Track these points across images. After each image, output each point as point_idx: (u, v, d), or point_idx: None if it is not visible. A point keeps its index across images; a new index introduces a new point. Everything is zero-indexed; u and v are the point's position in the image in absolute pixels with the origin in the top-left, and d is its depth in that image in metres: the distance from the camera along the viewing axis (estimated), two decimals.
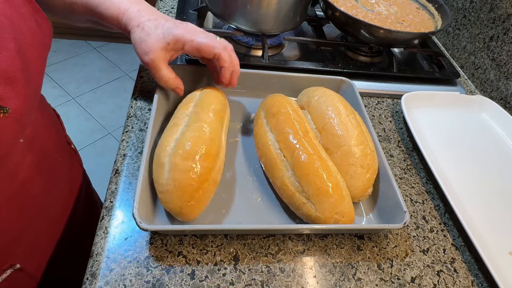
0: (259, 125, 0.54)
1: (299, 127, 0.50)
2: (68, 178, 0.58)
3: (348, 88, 0.64)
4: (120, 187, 0.49)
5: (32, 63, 0.38)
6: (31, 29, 0.39)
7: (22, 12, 0.38)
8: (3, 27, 0.35)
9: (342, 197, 0.46)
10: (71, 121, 1.94)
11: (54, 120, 0.57)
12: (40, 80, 0.42)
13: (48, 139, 0.50)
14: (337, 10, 0.72)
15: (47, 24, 0.42)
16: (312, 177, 0.45)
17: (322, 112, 0.54)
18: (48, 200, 0.51)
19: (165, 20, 0.49)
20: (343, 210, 0.45)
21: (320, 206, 0.45)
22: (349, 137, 0.51)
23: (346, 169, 0.50)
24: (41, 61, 0.41)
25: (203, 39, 0.48)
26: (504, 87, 0.77)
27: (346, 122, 0.52)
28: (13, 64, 0.35)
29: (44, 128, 0.49)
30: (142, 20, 0.48)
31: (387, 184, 0.50)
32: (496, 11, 0.79)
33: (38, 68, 0.40)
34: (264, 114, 0.54)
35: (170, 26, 0.48)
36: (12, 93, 0.35)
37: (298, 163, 0.46)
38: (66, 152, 0.58)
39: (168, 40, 0.47)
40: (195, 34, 0.48)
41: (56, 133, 0.55)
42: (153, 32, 0.48)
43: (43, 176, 0.48)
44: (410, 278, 0.47)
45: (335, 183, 0.46)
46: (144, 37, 0.48)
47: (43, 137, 0.48)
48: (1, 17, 0.35)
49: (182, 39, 0.48)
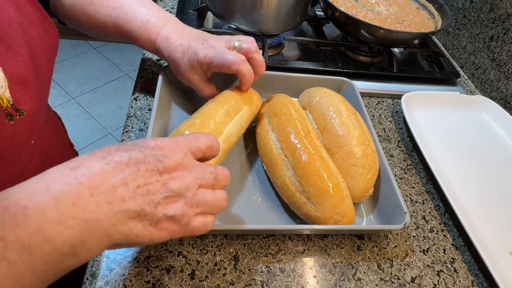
0: (261, 124, 0.54)
1: (300, 127, 0.50)
2: None
3: (349, 89, 0.64)
4: None
5: (43, 68, 0.40)
6: (41, 35, 0.40)
7: (32, 20, 0.40)
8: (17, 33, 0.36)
9: (343, 198, 0.45)
10: (71, 121, 1.94)
11: (57, 122, 0.58)
12: (48, 84, 0.43)
13: (51, 141, 0.51)
14: (337, 10, 0.72)
15: (55, 30, 0.44)
16: (312, 177, 0.45)
17: (323, 112, 0.54)
18: None
19: (190, 41, 0.51)
20: (343, 211, 0.45)
21: (320, 206, 0.45)
22: (350, 138, 0.51)
23: (347, 169, 0.50)
24: (50, 66, 0.42)
25: (220, 58, 0.49)
26: (504, 87, 0.77)
27: (347, 123, 0.52)
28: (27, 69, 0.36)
29: (47, 130, 0.50)
30: (170, 49, 0.51)
31: (387, 184, 0.50)
32: (496, 11, 0.79)
33: (48, 72, 0.42)
34: (266, 113, 0.54)
35: (194, 49, 0.50)
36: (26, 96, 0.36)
37: (299, 163, 0.46)
38: (69, 154, 0.59)
39: (195, 65, 0.51)
40: (214, 52, 0.49)
41: (59, 135, 0.56)
42: (181, 61, 0.51)
43: None
44: (410, 278, 0.47)
45: (335, 183, 0.46)
46: (176, 67, 0.52)
47: (47, 139, 0.49)
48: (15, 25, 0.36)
49: (204, 63, 0.50)
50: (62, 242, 0.26)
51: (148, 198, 0.29)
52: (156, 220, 0.30)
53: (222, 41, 0.51)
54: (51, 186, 0.26)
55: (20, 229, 0.24)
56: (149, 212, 0.29)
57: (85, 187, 0.27)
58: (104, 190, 0.27)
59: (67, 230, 0.26)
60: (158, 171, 0.30)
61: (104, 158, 0.29)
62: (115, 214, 0.28)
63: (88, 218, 0.26)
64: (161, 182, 0.30)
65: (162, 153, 0.31)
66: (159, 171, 0.30)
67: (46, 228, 0.25)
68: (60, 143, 0.55)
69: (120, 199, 0.28)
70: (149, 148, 0.31)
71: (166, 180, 0.30)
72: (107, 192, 0.27)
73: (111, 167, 0.28)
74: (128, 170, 0.29)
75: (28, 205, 0.25)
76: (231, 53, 0.49)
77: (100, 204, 0.27)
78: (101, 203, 0.27)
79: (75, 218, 0.26)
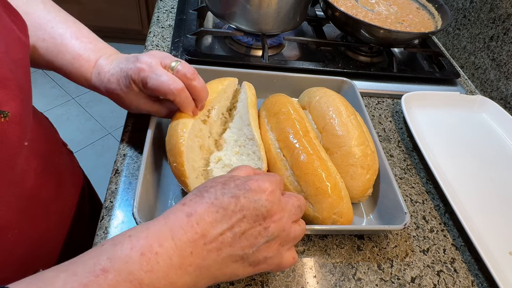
0: (259, 124, 0.54)
1: (299, 126, 0.50)
2: (72, 180, 0.58)
3: (349, 89, 0.64)
4: (120, 187, 0.49)
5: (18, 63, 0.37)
6: (9, 28, 0.37)
7: None
8: None
9: (341, 198, 0.45)
10: (71, 121, 1.94)
11: (47, 122, 0.57)
12: (29, 81, 0.40)
13: (46, 143, 0.50)
14: (337, 10, 0.72)
15: (22, 21, 0.40)
16: (311, 176, 0.45)
17: (323, 112, 0.54)
18: (58, 204, 0.50)
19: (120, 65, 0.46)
20: (342, 211, 0.45)
21: (319, 206, 0.45)
22: (350, 138, 0.51)
23: (346, 169, 0.50)
24: (26, 61, 0.40)
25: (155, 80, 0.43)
26: (504, 87, 0.77)
27: (346, 123, 0.52)
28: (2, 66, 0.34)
29: (40, 132, 0.49)
30: (105, 84, 0.46)
31: (387, 185, 0.50)
32: (496, 11, 0.79)
33: (25, 68, 0.39)
34: (265, 113, 0.54)
35: (125, 72, 0.45)
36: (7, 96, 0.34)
37: (297, 163, 0.46)
38: (65, 154, 0.58)
39: (133, 88, 0.45)
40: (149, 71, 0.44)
41: (52, 136, 0.55)
42: (120, 91, 0.46)
43: (51, 181, 0.48)
44: (410, 278, 0.47)
45: (334, 183, 0.46)
46: (118, 100, 0.47)
47: (42, 141, 0.48)
48: None
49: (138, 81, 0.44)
50: (181, 285, 0.30)
51: (251, 242, 0.32)
52: (257, 262, 0.33)
53: (156, 57, 0.44)
54: (174, 233, 0.30)
55: (153, 274, 0.28)
56: (251, 255, 0.32)
57: (199, 236, 0.30)
58: (214, 238, 0.31)
59: (186, 275, 0.30)
60: (262, 216, 0.32)
61: (213, 205, 0.32)
62: (222, 260, 0.31)
63: (201, 265, 0.31)
64: (263, 227, 0.32)
65: (266, 197, 0.33)
66: (263, 217, 0.32)
67: (171, 273, 0.29)
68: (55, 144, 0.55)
69: (227, 246, 0.31)
70: (252, 191, 0.33)
71: (268, 224, 0.33)
72: (216, 240, 0.31)
73: (221, 215, 0.31)
74: (235, 217, 0.32)
75: (159, 252, 0.29)
76: (168, 76, 0.43)
77: (211, 252, 0.31)
78: (211, 251, 0.31)
79: (191, 265, 0.30)
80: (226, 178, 0.35)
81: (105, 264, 0.27)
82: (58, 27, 0.47)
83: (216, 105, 0.52)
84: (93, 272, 0.27)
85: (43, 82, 2.12)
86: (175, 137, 0.45)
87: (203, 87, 0.46)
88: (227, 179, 0.34)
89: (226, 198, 0.32)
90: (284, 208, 0.34)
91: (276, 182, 0.35)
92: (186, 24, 0.76)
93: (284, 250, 0.35)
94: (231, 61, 0.69)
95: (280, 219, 0.33)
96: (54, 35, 0.47)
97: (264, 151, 0.49)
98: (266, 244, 0.33)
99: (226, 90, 0.53)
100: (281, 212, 0.34)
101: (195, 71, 0.45)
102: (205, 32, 0.77)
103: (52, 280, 0.27)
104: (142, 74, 0.43)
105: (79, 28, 0.49)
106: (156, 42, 0.74)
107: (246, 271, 0.33)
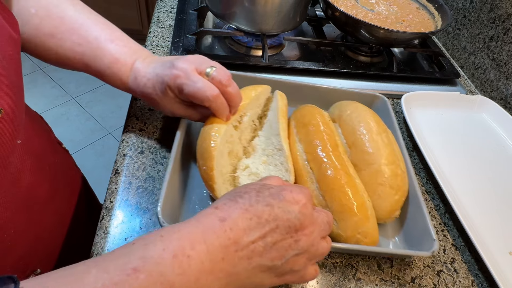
0: (288, 133, 0.52)
1: (328, 140, 0.48)
2: (68, 179, 0.58)
3: (382, 105, 0.61)
4: (120, 187, 0.49)
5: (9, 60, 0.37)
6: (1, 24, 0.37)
7: None
8: None
9: (367, 217, 0.44)
10: (71, 121, 1.94)
11: (41, 121, 0.57)
12: (20, 79, 0.40)
13: (41, 142, 0.50)
14: (337, 10, 0.72)
15: (13, 18, 0.40)
16: (337, 192, 0.44)
17: (354, 127, 0.52)
18: (55, 203, 0.50)
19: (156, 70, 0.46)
20: (367, 231, 0.43)
21: (343, 223, 0.43)
22: (380, 156, 0.48)
23: (374, 188, 0.47)
24: (17, 57, 0.39)
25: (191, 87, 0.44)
26: (504, 87, 0.77)
27: (377, 140, 0.50)
28: None
29: (34, 130, 0.49)
30: (141, 88, 0.47)
31: (416, 208, 0.48)
32: (496, 11, 0.79)
33: (16, 65, 0.39)
34: (295, 123, 0.53)
35: (161, 78, 0.46)
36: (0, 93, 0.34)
37: (324, 177, 0.45)
38: (60, 152, 0.58)
39: (168, 94, 0.46)
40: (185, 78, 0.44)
41: (46, 135, 0.55)
42: (156, 96, 0.47)
43: (47, 179, 0.48)
44: (410, 278, 0.47)
45: (360, 202, 0.44)
46: (153, 104, 0.49)
47: (36, 140, 0.48)
48: None
49: (174, 88, 0.45)
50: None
51: (280, 254, 0.31)
52: (282, 274, 0.33)
53: (192, 63, 0.45)
54: (206, 237, 0.29)
55: (184, 277, 0.28)
56: (279, 267, 0.32)
57: (232, 242, 0.30)
58: (245, 246, 0.30)
59: (216, 280, 0.29)
60: (295, 228, 0.32)
61: (247, 211, 0.31)
62: (252, 269, 0.31)
63: (231, 272, 0.30)
64: (294, 239, 0.32)
65: (299, 209, 0.32)
66: (295, 229, 0.32)
67: (202, 278, 0.29)
68: (49, 143, 0.55)
69: (258, 255, 0.31)
70: (286, 202, 0.32)
71: (299, 237, 0.32)
72: (247, 248, 0.30)
73: (254, 223, 0.31)
74: (268, 226, 0.31)
75: (191, 255, 0.28)
76: (203, 82, 0.43)
77: (241, 260, 0.30)
78: (243, 258, 0.30)
79: (222, 271, 0.29)
80: (260, 186, 0.34)
81: (136, 263, 0.27)
82: (92, 30, 0.48)
83: (248, 112, 0.51)
84: (124, 270, 0.26)
85: (43, 82, 2.12)
86: (208, 141, 0.44)
87: (237, 93, 0.46)
88: (260, 186, 0.34)
89: (260, 206, 0.32)
90: (315, 223, 0.34)
91: (308, 195, 0.34)
92: (186, 24, 0.76)
93: (310, 264, 0.35)
94: (231, 61, 0.69)
95: (311, 233, 0.33)
96: (89, 39, 0.47)
97: (292, 163, 0.48)
98: (295, 257, 0.32)
99: (259, 97, 0.53)
100: (312, 226, 0.33)
101: (230, 77, 0.45)
102: (205, 32, 0.77)
103: (83, 275, 0.26)
104: (178, 81, 0.43)
105: (112, 30, 0.49)
106: (156, 42, 0.74)
107: (272, 281, 0.33)
